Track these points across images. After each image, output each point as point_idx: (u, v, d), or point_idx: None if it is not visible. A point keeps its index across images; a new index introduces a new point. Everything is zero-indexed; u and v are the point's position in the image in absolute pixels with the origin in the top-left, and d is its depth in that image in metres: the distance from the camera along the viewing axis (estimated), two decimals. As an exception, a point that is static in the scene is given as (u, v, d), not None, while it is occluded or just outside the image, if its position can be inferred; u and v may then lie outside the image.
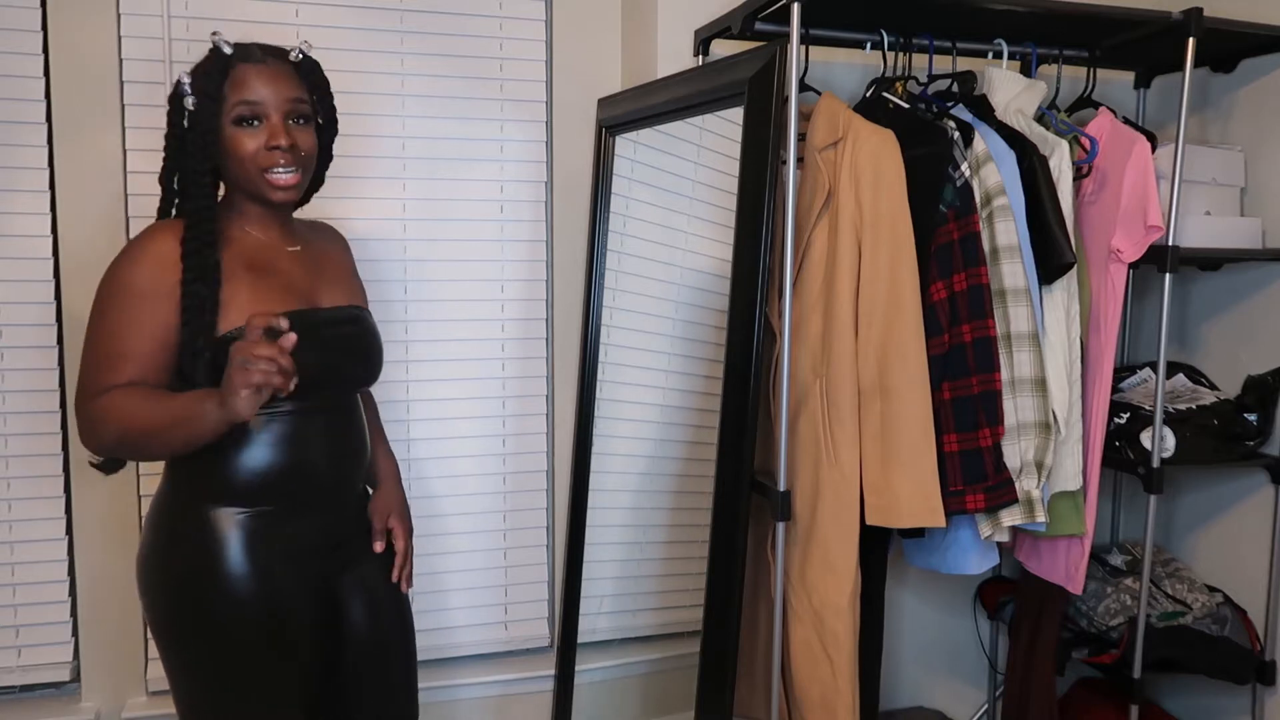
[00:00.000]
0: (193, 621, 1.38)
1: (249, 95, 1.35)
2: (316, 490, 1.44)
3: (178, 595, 1.38)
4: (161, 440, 1.29)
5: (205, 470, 1.37)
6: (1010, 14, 1.80)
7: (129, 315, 1.30)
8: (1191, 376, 2.19)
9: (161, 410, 1.27)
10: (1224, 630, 2.09)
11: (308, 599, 1.44)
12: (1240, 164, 2.11)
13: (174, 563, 1.38)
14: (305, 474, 1.42)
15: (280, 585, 1.40)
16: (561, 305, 2.29)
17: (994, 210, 1.73)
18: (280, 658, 1.40)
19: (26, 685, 2.06)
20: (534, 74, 2.25)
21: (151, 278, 1.31)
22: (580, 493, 2.23)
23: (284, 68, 1.40)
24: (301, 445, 1.41)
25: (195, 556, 1.37)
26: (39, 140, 1.96)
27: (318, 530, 1.46)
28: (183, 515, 1.39)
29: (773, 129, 1.57)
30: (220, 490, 1.37)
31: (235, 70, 1.36)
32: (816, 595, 1.70)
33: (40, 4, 1.93)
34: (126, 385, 1.30)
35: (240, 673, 1.38)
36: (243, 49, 1.39)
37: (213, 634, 1.37)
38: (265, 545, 1.39)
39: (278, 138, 1.36)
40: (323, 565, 1.47)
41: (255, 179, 1.38)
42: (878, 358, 1.66)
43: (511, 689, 2.29)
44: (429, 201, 2.20)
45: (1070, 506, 1.87)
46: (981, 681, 2.50)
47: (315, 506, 1.45)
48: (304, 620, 1.42)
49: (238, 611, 1.37)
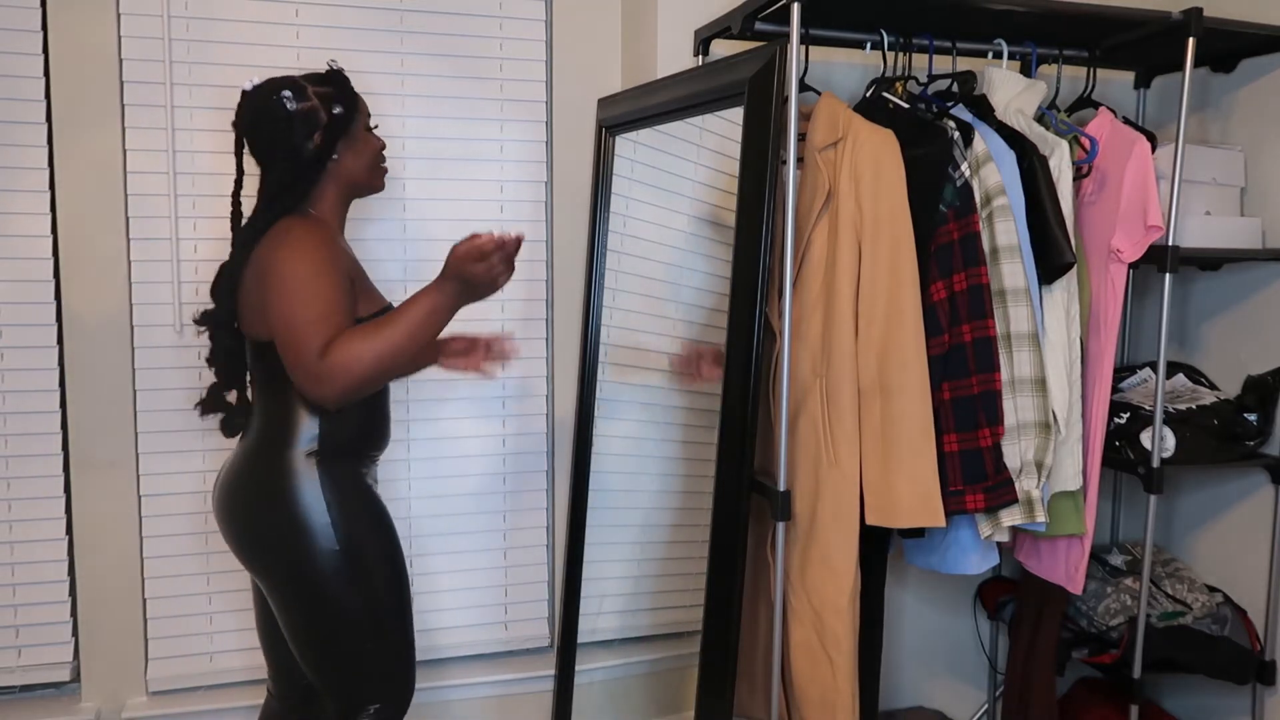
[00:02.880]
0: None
1: (367, 109, 1.65)
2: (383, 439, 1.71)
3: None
4: (415, 346, 1.43)
5: (297, 422, 1.56)
6: (1010, 14, 1.80)
7: (322, 283, 1.46)
8: (1191, 376, 2.19)
9: (403, 323, 1.41)
10: (1224, 630, 2.09)
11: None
12: (1240, 164, 2.11)
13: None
14: (382, 430, 1.69)
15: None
16: (561, 305, 2.29)
17: (994, 210, 1.73)
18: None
19: (26, 685, 2.06)
20: (534, 74, 2.25)
21: (331, 253, 1.50)
22: (580, 493, 2.23)
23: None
24: (370, 406, 1.65)
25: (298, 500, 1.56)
26: (39, 140, 1.96)
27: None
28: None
29: (773, 129, 1.57)
30: (315, 440, 1.57)
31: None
32: (816, 595, 1.70)
33: (40, 4, 1.93)
34: (338, 335, 1.42)
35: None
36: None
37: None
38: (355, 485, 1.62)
39: (380, 139, 1.67)
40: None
41: (378, 172, 1.67)
42: (878, 358, 1.66)
43: (511, 689, 2.29)
44: (429, 201, 2.20)
45: (1070, 506, 1.87)
46: (981, 681, 2.50)
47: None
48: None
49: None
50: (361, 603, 1.57)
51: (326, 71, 1.62)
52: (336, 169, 1.59)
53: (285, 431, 1.56)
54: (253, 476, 1.59)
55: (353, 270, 1.58)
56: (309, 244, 1.49)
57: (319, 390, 1.40)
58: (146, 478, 2.06)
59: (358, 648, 1.58)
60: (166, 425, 2.07)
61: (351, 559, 1.56)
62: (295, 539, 1.54)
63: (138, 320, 2.04)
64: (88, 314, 2.00)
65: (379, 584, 1.60)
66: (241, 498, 1.59)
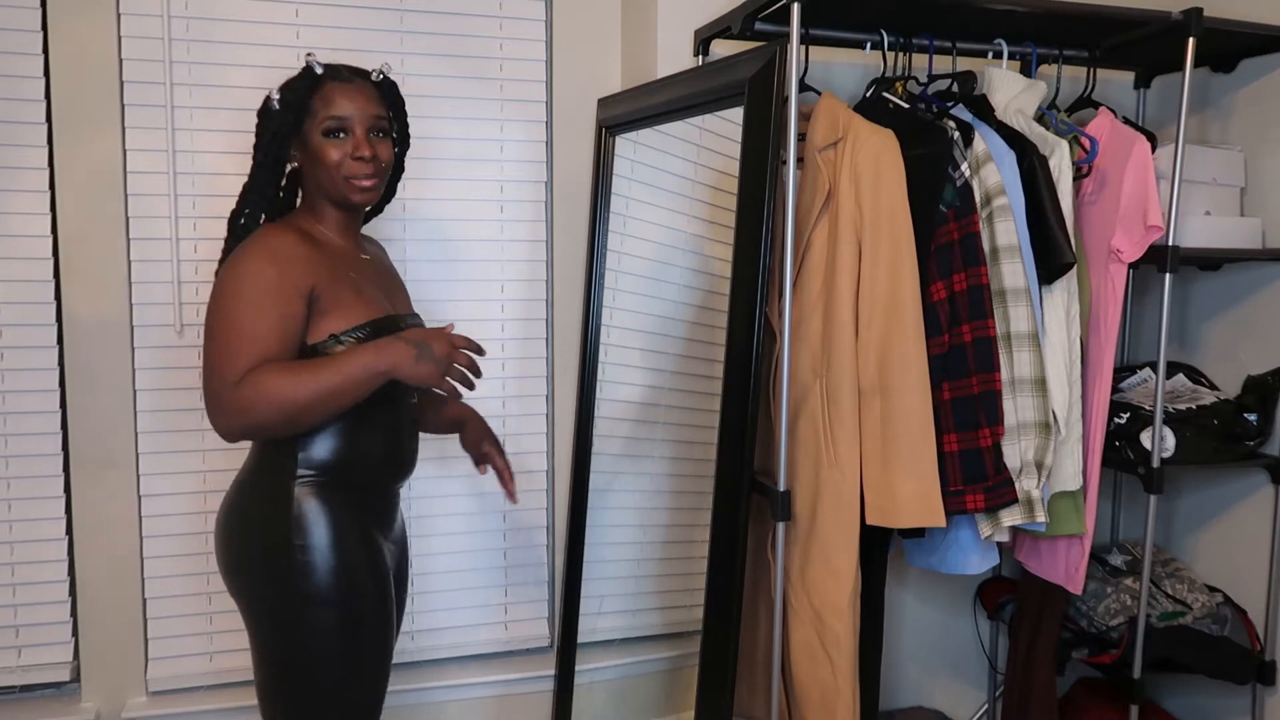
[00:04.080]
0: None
1: (336, 110, 1.47)
2: (393, 468, 1.58)
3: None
4: (338, 403, 1.37)
5: (294, 450, 1.46)
6: (1010, 14, 1.80)
7: (260, 306, 1.37)
8: (1191, 376, 2.19)
9: (334, 373, 1.35)
10: (1224, 630, 2.09)
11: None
12: (1240, 164, 2.11)
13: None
14: (393, 456, 1.57)
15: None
16: (561, 305, 2.29)
17: (994, 210, 1.73)
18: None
19: (26, 685, 2.06)
20: (534, 74, 2.25)
21: (281, 270, 1.40)
22: (580, 493, 2.23)
23: (367, 86, 1.52)
24: (389, 429, 1.55)
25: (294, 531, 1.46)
26: (39, 140, 1.95)
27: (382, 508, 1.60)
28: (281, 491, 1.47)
29: (773, 129, 1.57)
30: (313, 468, 1.47)
31: (324, 87, 1.48)
32: (817, 595, 1.70)
33: (40, 4, 1.93)
34: (260, 365, 1.35)
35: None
36: (333, 69, 1.51)
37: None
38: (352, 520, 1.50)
39: (361, 149, 1.48)
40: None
41: (339, 183, 1.49)
42: (878, 358, 1.66)
43: (511, 689, 2.29)
44: (429, 201, 2.20)
45: (1070, 506, 1.87)
46: (981, 681, 2.50)
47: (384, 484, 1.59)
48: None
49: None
50: (340, 651, 1.46)
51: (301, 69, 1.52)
52: (309, 174, 1.52)
53: (279, 458, 1.47)
54: (239, 506, 1.50)
55: (325, 286, 1.44)
56: (259, 259, 1.39)
57: (218, 419, 1.35)
58: (146, 478, 2.06)
59: (323, 701, 1.47)
60: (166, 425, 2.07)
61: (337, 602, 1.45)
62: (278, 574, 1.44)
63: (138, 320, 2.03)
64: (88, 314, 2.00)
65: (365, 636, 1.48)
66: (227, 529, 1.50)
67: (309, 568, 1.44)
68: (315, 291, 1.43)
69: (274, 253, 1.41)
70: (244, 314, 1.36)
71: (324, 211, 1.54)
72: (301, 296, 1.40)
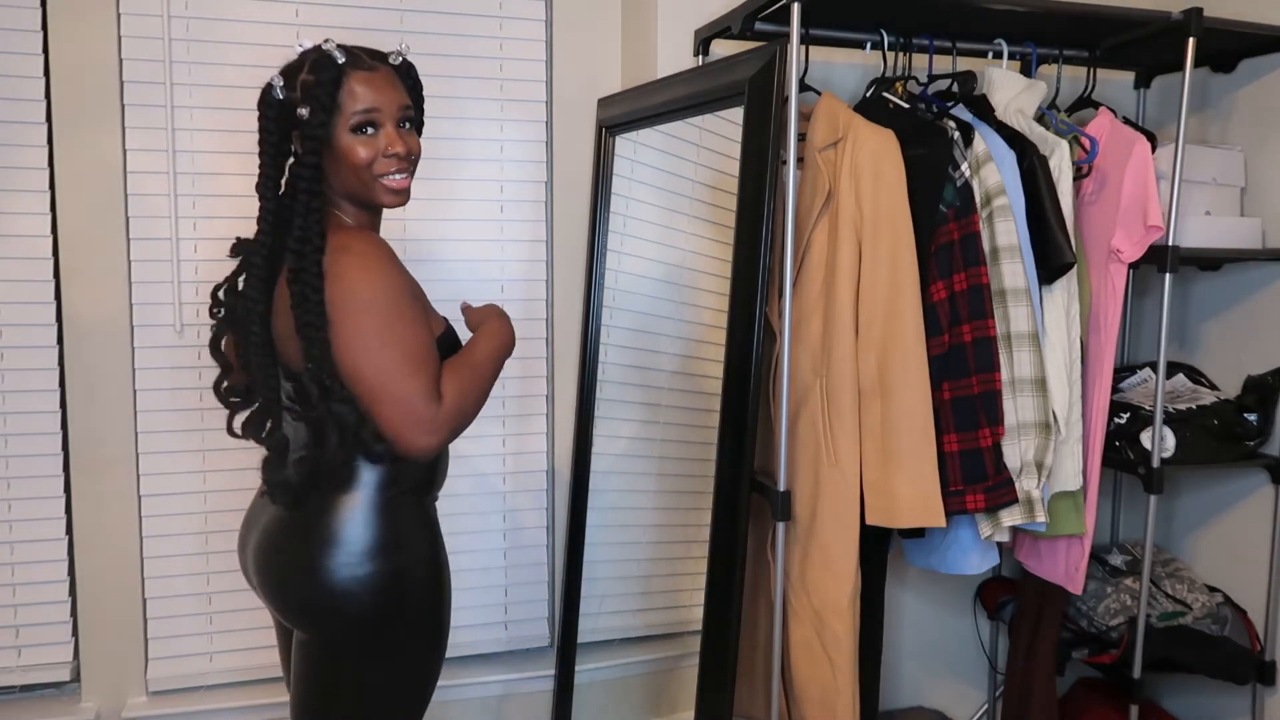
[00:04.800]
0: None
1: (365, 104, 1.33)
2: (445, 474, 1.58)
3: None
4: (488, 389, 1.38)
5: (413, 467, 1.41)
6: (1010, 14, 1.80)
7: (414, 320, 1.30)
8: (1191, 376, 2.19)
9: (485, 366, 1.38)
10: (1224, 630, 2.09)
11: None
12: (1240, 164, 2.11)
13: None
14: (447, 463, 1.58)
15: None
16: (561, 305, 2.29)
17: (994, 210, 1.73)
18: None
19: (26, 685, 2.06)
20: (534, 74, 2.25)
21: (404, 273, 1.34)
22: (580, 493, 2.23)
23: (390, 73, 1.38)
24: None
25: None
26: (39, 140, 1.96)
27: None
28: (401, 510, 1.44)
29: (773, 129, 1.57)
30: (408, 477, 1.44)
31: (349, 78, 1.33)
32: (816, 595, 1.70)
33: (40, 4, 1.93)
34: (442, 377, 1.31)
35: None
36: (353, 56, 1.35)
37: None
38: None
39: (395, 145, 1.35)
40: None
41: (369, 184, 1.36)
42: (878, 358, 1.66)
43: (511, 689, 2.29)
44: (429, 201, 2.20)
45: (1070, 506, 1.87)
46: (981, 681, 2.50)
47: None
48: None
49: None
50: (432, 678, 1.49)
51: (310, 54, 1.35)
52: (330, 174, 1.36)
53: (372, 473, 1.38)
54: (300, 529, 1.38)
55: (417, 287, 1.38)
56: (382, 272, 1.28)
57: (430, 439, 1.25)
58: (146, 478, 2.06)
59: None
60: (166, 425, 2.07)
61: (439, 631, 1.48)
62: (359, 594, 1.36)
63: (138, 320, 2.03)
64: (88, 314, 2.00)
65: (423, 649, 1.48)
66: (287, 558, 1.39)
67: (420, 588, 1.44)
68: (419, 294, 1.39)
69: (386, 258, 1.31)
70: (407, 332, 1.27)
71: (346, 214, 1.40)
72: (419, 298, 1.36)
